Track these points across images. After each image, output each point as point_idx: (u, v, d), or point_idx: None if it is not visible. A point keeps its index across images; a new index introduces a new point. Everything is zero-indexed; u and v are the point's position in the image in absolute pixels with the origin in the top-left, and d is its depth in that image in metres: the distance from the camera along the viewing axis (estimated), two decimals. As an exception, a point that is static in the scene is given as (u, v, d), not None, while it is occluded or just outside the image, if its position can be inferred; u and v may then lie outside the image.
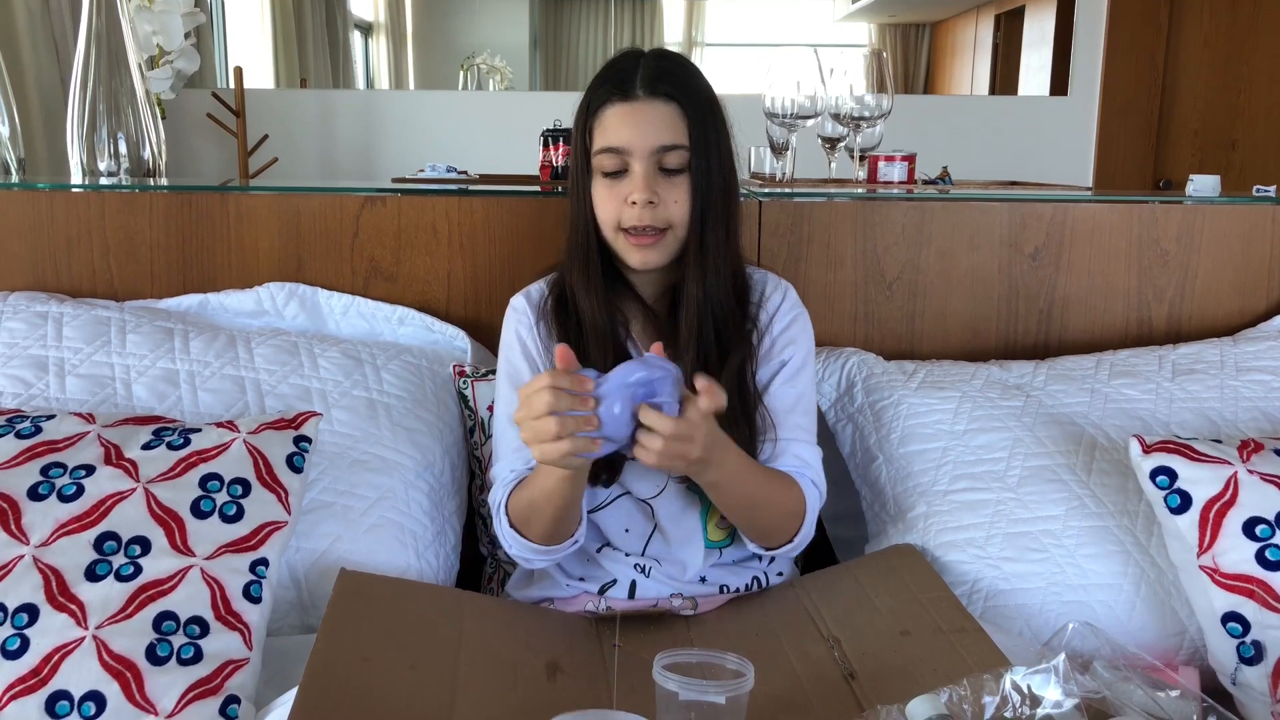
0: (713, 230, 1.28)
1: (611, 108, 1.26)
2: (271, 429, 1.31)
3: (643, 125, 1.25)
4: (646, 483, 1.32)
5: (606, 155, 1.26)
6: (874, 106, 1.91)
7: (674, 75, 1.27)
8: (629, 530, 1.34)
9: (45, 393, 1.44)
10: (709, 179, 1.27)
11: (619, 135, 1.25)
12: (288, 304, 1.61)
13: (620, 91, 1.26)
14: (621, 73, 1.27)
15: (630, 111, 1.25)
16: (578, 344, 1.30)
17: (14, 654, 1.09)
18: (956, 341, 1.68)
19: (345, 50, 3.91)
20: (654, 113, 1.25)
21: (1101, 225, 1.66)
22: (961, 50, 4.10)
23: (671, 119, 1.25)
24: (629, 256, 1.28)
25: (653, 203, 1.24)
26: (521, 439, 1.08)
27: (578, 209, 1.30)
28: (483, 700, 1.07)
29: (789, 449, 1.31)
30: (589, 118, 1.28)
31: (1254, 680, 1.17)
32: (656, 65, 1.27)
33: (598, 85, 1.28)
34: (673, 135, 1.25)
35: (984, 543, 1.37)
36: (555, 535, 1.24)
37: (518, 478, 1.27)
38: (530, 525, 1.24)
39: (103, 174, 1.83)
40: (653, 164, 1.25)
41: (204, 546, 1.19)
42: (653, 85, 1.25)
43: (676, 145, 1.25)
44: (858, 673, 1.11)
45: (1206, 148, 3.73)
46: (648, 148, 1.24)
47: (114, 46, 1.80)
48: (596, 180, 1.28)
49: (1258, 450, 1.26)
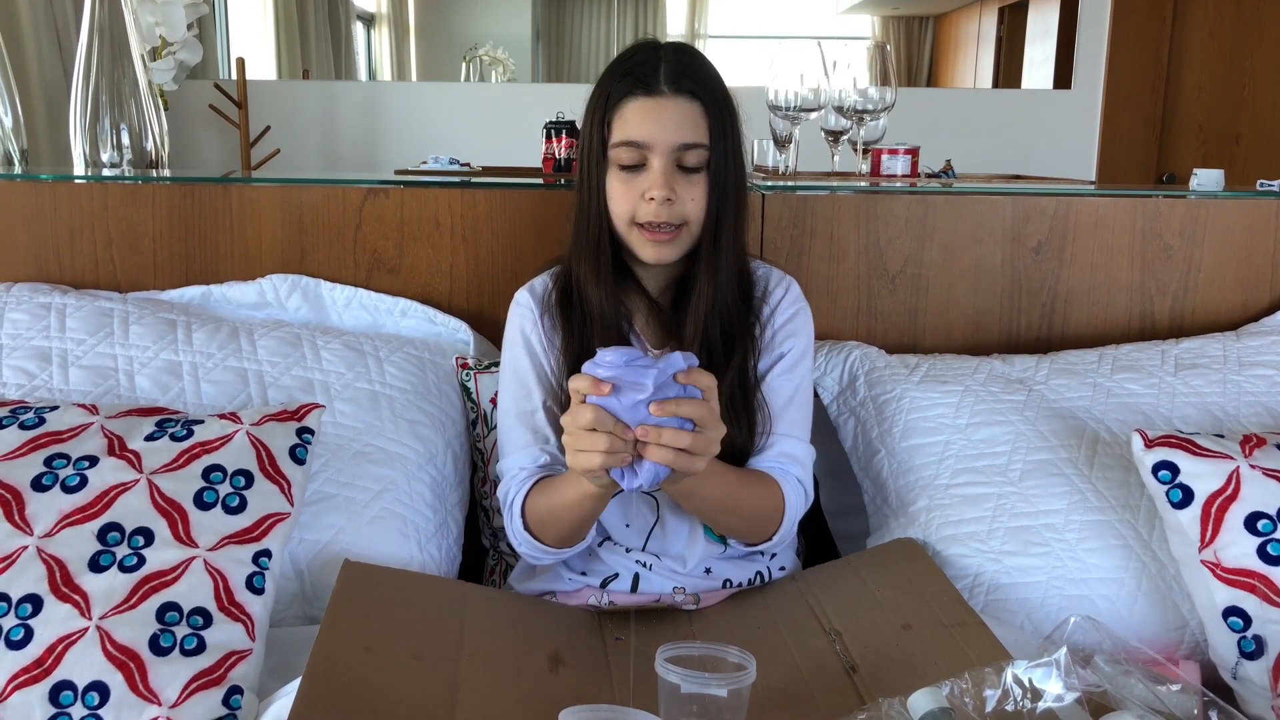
0: (726, 228, 1.28)
1: (634, 101, 1.25)
2: (274, 421, 1.31)
3: (666, 121, 1.24)
4: None
5: (625, 149, 1.25)
6: (877, 100, 1.91)
7: (697, 73, 1.26)
8: (630, 525, 1.34)
9: (48, 384, 1.44)
10: (725, 178, 1.27)
11: (641, 130, 1.24)
12: (290, 296, 1.61)
13: (644, 85, 1.25)
14: (643, 65, 1.26)
15: (654, 107, 1.24)
16: (582, 335, 1.30)
17: (18, 644, 1.10)
18: (959, 335, 1.68)
19: (348, 41, 3.91)
20: (677, 110, 1.24)
21: (1105, 219, 1.66)
22: (965, 43, 4.10)
23: (694, 117, 1.25)
24: (643, 251, 1.28)
25: (670, 200, 1.24)
26: (563, 441, 1.10)
27: (589, 200, 1.29)
28: (485, 691, 1.07)
29: (778, 444, 1.31)
30: (608, 109, 1.26)
31: (1255, 675, 1.17)
32: (678, 60, 1.26)
33: (618, 77, 1.26)
34: (694, 134, 1.25)
35: (986, 536, 1.37)
36: (569, 540, 1.27)
37: (530, 476, 1.28)
38: (547, 530, 1.26)
39: (105, 165, 1.83)
40: (672, 161, 1.24)
41: (207, 538, 1.19)
42: (677, 81, 1.25)
43: (697, 144, 1.25)
44: (859, 666, 1.12)
45: (1210, 141, 3.73)
46: (669, 145, 1.24)
47: (117, 37, 1.80)
48: (612, 172, 1.27)
49: (1260, 445, 1.26)
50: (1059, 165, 3.46)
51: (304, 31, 3.83)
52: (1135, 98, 3.68)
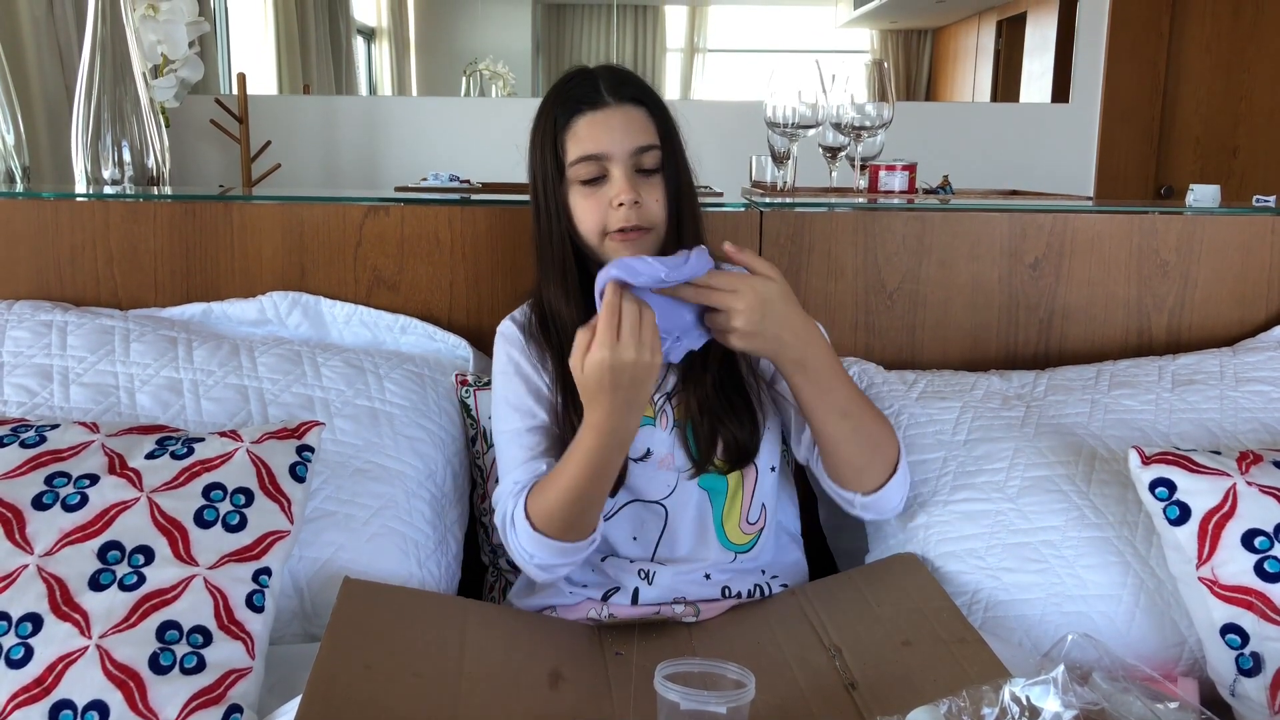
0: (687, 228, 1.32)
1: (582, 118, 1.28)
2: (274, 438, 1.32)
3: (617, 129, 1.27)
4: (657, 485, 1.33)
5: (584, 164, 1.28)
6: (875, 116, 1.92)
7: (634, 82, 1.32)
8: (636, 539, 1.34)
9: (49, 402, 1.45)
10: (678, 176, 1.31)
11: (596, 142, 1.27)
12: (290, 313, 1.62)
13: (588, 101, 1.29)
14: (581, 86, 1.30)
15: (603, 118, 1.28)
16: (561, 356, 1.30)
17: (18, 663, 1.10)
18: (957, 351, 1.69)
19: (348, 56, 3.91)
20: (625, 116, 1.28)
21: (1101, 235, 1.67)
22: (963, 56, 4.11)
23: (642, 121, 1.29)
24: (620, 255, 1.29)
25: (638, 202, 1.27)
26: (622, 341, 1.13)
27: (549, 224, 1.32)
28: (485, 708, 1.07)
29: None
30: (557, 132, 1.30)
31: (1253, 692, 1.17)
32: (613, 74, 1.31)
33: (558, 103, 1.30)
34: (646, 135, 1.29)
35: (984, 553, 1.37)
36: (579, 526, 1.24)
37: (525, 487, 1.28)
38: (554, 519, 1.23)
39: (107, 182, 1.84)
40: (631, 166, 1.28)
41: (207, 556, 1.20)
42: (618, 90, 1.29)
43: (652, 145, 1.29)
44: (859, 682, 1.12)
45: (1208, 154, 3.74)
46: (626, 150, 1.27)
47: (118, 55, 1.81)
48: (574, 190, 1.30)
49: (1257, 462, 1.27)
50: (1057, 178, 3.47)
51: (305, 46, 3.84)
52: (1133, 111, 3.69)
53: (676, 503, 1.34)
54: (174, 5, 2.75)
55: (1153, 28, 3.67)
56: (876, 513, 1.36)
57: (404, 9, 4.01)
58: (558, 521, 1.23)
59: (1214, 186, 1.76)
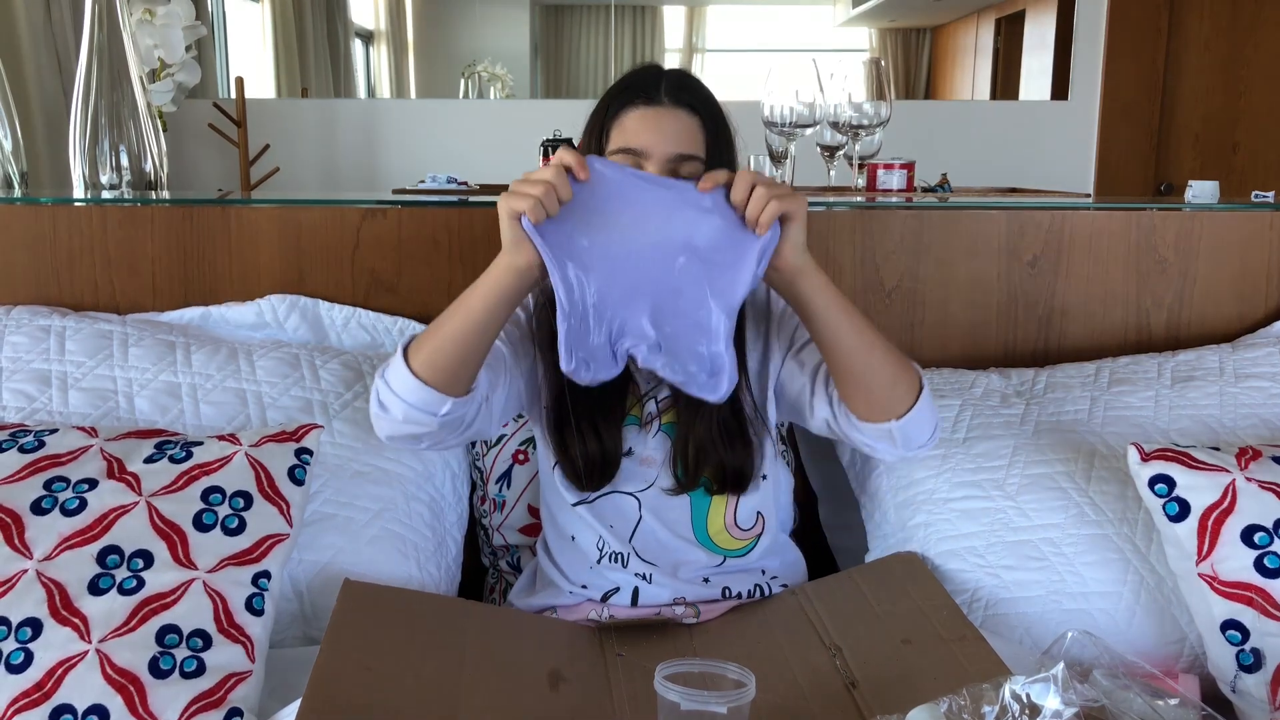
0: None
1: (634, 111, 1.26)
2: (273, 441, 1.32)
3: (664, 131, 1.25)
4: (634, 479, 1.33)
5: (622, 156, 1.26)
6: (872, 115, 1.92)
7: (697, 90, 1.29)
8: (613, 526, 1.34)
9: (48, 406, 1.45)
10: None
11: (639, 137, 1.25)
12: (289, 316, 1.62)
13: (644, 96, 1.26)
14: (645, 79, 1.28)
15: (653, 116, 1.26)
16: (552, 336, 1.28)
17: (18, 668, 1.10)
18: (956, 349, 1.69)
19: (346, 59, 3.91)
20: (676, 121, 1.26)
21: (1100, 232, 1.67)
22: (962, 55, 4.10)
23: (691, 130, 1.26)
24: None
25: None
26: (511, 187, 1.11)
27: None
28: (486, 709, 1.07)
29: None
30: (607, 120, 1.28)
31: (1253, 688, 1.17)
32: (680, 77, 1.29)
33: (619, 90, 1.29)
34: (691, 145, 1.26)
35: (984, 551, 1.37)
36: (449, 368, 1.18)
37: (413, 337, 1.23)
38: (422, 348, 1.18)
39: (105, 187, 1.84)
40: (668, 171, 1.25)
41: (206, 559, 1.20)
42: (676, 94, 1.26)
43: (693, 156, 1.25)
44: (859, 681, 1.12)
45: (1208, 151, 3.74)
46: (665, 154, 1.24)
47: (116, 60, 1.81)
48: None
49: (1256, 458, 1.27)
50: (1057, 176, 3.46)
51: (303, 49, 3.84)
52: (1132, 108, 3.68)
53: (650, 496, 1.33)
54: (170, 10, 2.75)
55: (1151, 24, 3.67)
56: (909, 441, 1.27)
57: (402, 11, 4.00)
58: (426, 350, 1.18)
59: (1213, 183, 1.76)
